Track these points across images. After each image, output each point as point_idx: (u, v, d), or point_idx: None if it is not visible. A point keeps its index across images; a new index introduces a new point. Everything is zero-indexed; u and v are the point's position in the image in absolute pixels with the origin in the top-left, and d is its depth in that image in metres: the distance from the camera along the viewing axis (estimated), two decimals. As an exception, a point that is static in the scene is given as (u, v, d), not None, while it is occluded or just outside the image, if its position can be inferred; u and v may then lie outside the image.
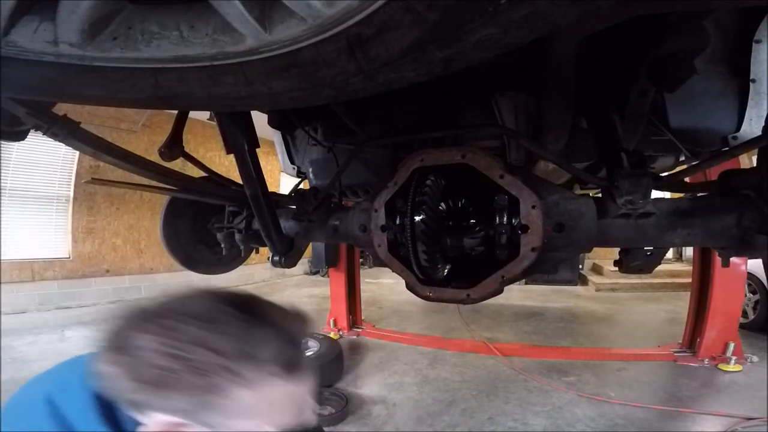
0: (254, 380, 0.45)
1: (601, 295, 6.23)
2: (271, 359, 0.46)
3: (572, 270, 3.84)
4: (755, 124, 1.00)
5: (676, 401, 2.58)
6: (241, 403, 0.44)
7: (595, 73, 0.98)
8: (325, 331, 3.96)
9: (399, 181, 0.95)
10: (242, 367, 0.44)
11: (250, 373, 0.44)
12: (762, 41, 0.95)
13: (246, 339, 0.45)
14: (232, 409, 0.44)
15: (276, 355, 0.46)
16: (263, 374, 0.45)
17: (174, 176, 1.18)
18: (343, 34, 0.40)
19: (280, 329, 0.49)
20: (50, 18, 0.44)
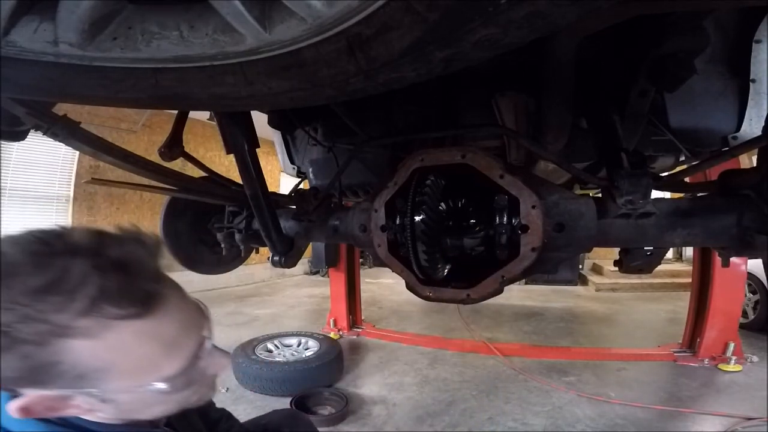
0: (87, 328, 0.39)
1: (601, 295, 6.23)
2: (96, 298, 0.39)
3: (572, 270, 3.83)
4: (755, 124, 1.00)
5: (676, 401, 2.58)
6: (86, 357, 0.40)
7: (595, 73, 0.98)
8: (325, 331, 3.96)
9: (399, 181, 0.95)
10: (63, 317, 0.38)
11: (78, 320, 0.39)
12: (762, 41, 0.95)
13: (59, 284, 0.38)
14: (82, 366, 0.40)
15: (101, 293, 0.39)
16: (96, 318, 0.40)
17: (174, 176, 1.18)
18: (343, 34, 0.40)
19: (102, 260, 0.41)
20: (50, 18, 0.44)
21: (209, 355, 0.52)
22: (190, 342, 0.48)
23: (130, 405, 0.46)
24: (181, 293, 0.50)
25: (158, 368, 0.44)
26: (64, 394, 0.42)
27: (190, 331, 0.49)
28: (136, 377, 0.44)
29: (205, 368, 0.51)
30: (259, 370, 2.63)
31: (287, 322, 4.61)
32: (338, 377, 2.91)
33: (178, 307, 0.48)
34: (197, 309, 0.53)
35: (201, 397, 0.55)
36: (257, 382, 2.62)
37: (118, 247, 0.43)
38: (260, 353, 2.92)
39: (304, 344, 3.19)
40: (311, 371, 2.65)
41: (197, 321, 0.51)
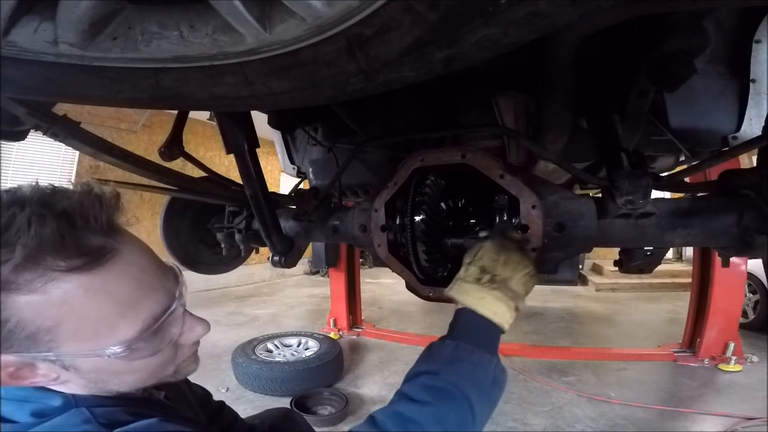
0: (29, 281, 0.38)
1: (601, 295, 6.23)
2: (36, 249, 0.38)
3: (572, 270, 3.81)
4: (755, 124, 0.99)
5: (676, 401, 2.58)
6: (31, 314, 0.38)
7: (595, 73, 0.98)
8: (325, 331, 3.96)
9: (399, 181, 0.95)
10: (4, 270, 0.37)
11: (19, 273, 0.38)
12: (762, 41, 0.95)
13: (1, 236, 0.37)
14: (29, 325, 0.39)
15: (40, 243, 0.38)
16: (37, 270, 0.38)
17: (174, 176, 1.18)
18: (344, 34, 0.40)
19: (46, 211, 0.39)
20: (50, 18, 0.44)
21: (180, 321, 0.50)
22: (150, 303, 0.45)
23: (95, 373, 0.44)
24: (143, 251, 0.48)
25: (113, 329, 0.43)
26: (23, 360, 0.41)
27: (151, 291, 0.46)
28: (89, 339, 0.42)
29: (176, 335, 0.49)
30: (259, 370, 2.63)
31: (287, 322, 4.61)
32: (338, 377, 2.91)
33: (136, 265, 0.45)
34: (166, 272, 0.50)
35: (181, 370, 0.53)
36: (257, 382, 2.62)
37: (66, 198, 0.42)
38: (260, 353, 2.92)
39: (304, 344, 3.19)
40: (311, 371, 2.65)
41: (163, 283, 0.48)
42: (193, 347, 0.54)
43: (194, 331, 0.52)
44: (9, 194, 0.41)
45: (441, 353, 0.60)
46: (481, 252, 0.65)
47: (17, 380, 0.42)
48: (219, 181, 1.47)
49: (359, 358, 3.39)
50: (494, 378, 0.58)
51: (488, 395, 0.57)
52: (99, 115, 5.03)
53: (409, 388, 0.57)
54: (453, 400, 0.54)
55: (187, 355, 0.53)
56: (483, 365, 0.58)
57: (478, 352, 0.58)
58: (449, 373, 0.56)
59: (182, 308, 0.51)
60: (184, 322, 0.51)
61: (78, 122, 0.91)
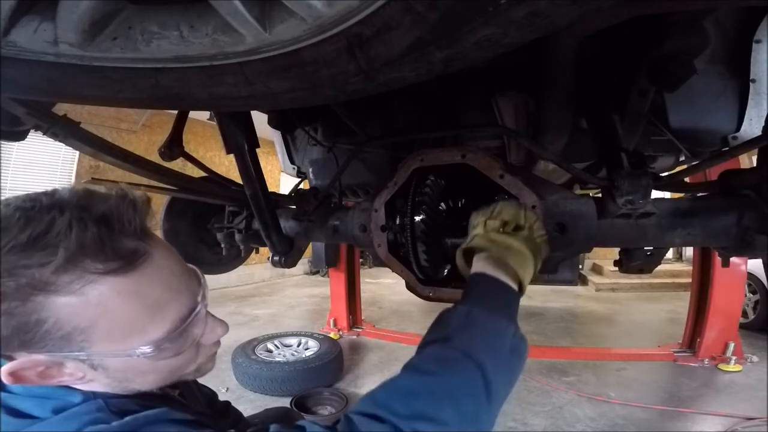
0: (68, 283, 0.39)
1: (601, 295, 6.23)
2: (76, 252, 0.39)
3: (572, 270, 3.81)
4: (755, 124, 0.99)
5: (676, 401, 2.58)
6: (68, 315, 0.40)
7: (595, 73, 0.98)
8: (325, 331, 3.96)
9: (399, 181, 0.95)
10: (44, 272, 0.38)
11: (59, 275, 0.39)
12: (762, 41, 0.95)
13: (42, 239, 0.38)
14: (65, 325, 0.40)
15: (80, 246, 0.39)
16: (76, 272, 0.39)
17: (174, 176, 1.18)
18: (344, 34, 0.40)
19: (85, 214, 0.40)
20: (50, 18, 0.44)
21: (203, 322, 0.51)
22: (177, 305, 0.47)
23: (121, 373, 0.45)
24: (171, 254, 0.49)
25: (143, 330, 0.44)
26: (54, 359, 0.42)
27: (178, 294, 0.47)
28: (121, 340, 0.43)
29: (198, 336, 0.50)
30: (259, 370, 2.63)
31: (287, 322, 4.61)
32: (338, 377, 2.91)
33: (166, 268, 0.47)
34: (190, 274, 0.52)
35: (200, 369, 0.54)
36: (257, 382, 2.62)
37: (103, 202, 0.43)
38: (260, 353, 2.92)
39: (304, 344, 3.19)
40: (311, 371, 2.65)
41: (188, 285, 0.50)
42: (213, 347, 0.55)
43: (215, 331, 0.53)
44: (48, 197, 0.42)
45: (452, 320, 0.55)
46: (500, 207, 0.65)
47: (45, 379, 0.43)
48: (219, 181, 1.47)
49: (359, 358, 3.39)
50: (513, 346, 0.53)
51: (506, 364, 0.52)
52: (99, 115, 5.03)
53: (417, 358, 0.53)
54: (464, 370, 0.48)
55: (208, 355, 0.54)
56: (498, 331, 0.53)
57: (493, 317, 0.54)
58: (460, 340, 0.51)
59: (205, 309, 0.52)
60: (207, 322, 0.52)
61: (78, 122, 0.91)
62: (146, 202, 0.48)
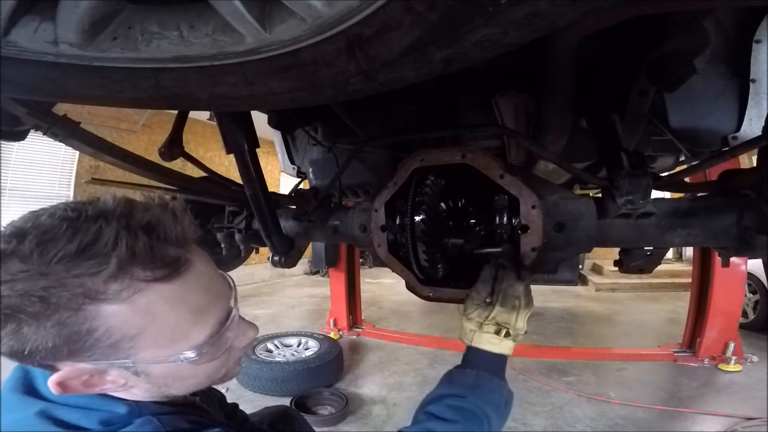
0: (118, 291, 0.40)
1: (601, 295, 6.23)
2: (126, 261, 0.40)
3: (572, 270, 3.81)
4: (755, 124, 0.99)
5: (676, 401, 2.58)
6: (118, 322, 0.40)
7: (595, 73, 0.98)
8: (325, 331, 3.96)
9: (399, 181, 0.95)
10: (96, 281, 0.39)
11: (109, 284, 0.39)
12: (762, 41, 0.95)
13: (91, 248, 0.39)
14: (114, 333, 0.40)
15: (131, 255, 0.40)
16: (126, 281, 0.40)
17: (174, 176, 1.18)
18: (343, 34, 0.40)
19: (130, 224, 0.41)
20: (50, 18, 0.44)
21: (236, 325, 0.52)
22: (217, 310, 0.48)
23: (163, 378, 0.46)
24: (207, 261, 0.50)
25: (187, 336, 0.45)
26: (99, 367, 0.42)
27: (217, 299, 0.49)
28: (166, 345, 0.44)
29: (232, 339, 0.51)
30: (259, 370, 2.63)
31: (287, 322, 4.61)
32: (338, 377, 2.91)
33: (205, 273, 0.48)
34: (223, 279, 0.53)
35: (229, 372, 0.55)
36: (257, 382, 2.62)
37: (146, 212, 0.44)
38: (260, 353, 2.92)
39: (304, 344, 3.19)
40: (311, 371, 2.65)
41: (224, 290, 0.51)
42: (242, 350, 0.56)
43: (246, 334, 0.54)
44: (92, 207, 0.43)
45: (464, 380, 0.69)
46: (494, 314, 0.74)
47: (88, 388, 0.44)
48: (219, 181, 1.47)
49: (359, 358, 3.39)
50: (506, 400, 0.69)
51: (502, 415, 0.67)
52: (99, 115, 5.03)
53: (437, 408, 0.64)
54: (477, 420, 0.62)
55: (237, 358, 0.55)
56: (499, 390, 0.68)
57: (495, 380, 0.69)
58: (473, 396, 0.65)
59: (238, 313, 0.53)
60: (239, 326, 0.53)
61: (78, 122, 0.91)
62: (184, 211, 0.48)
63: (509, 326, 0.74)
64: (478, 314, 0.75)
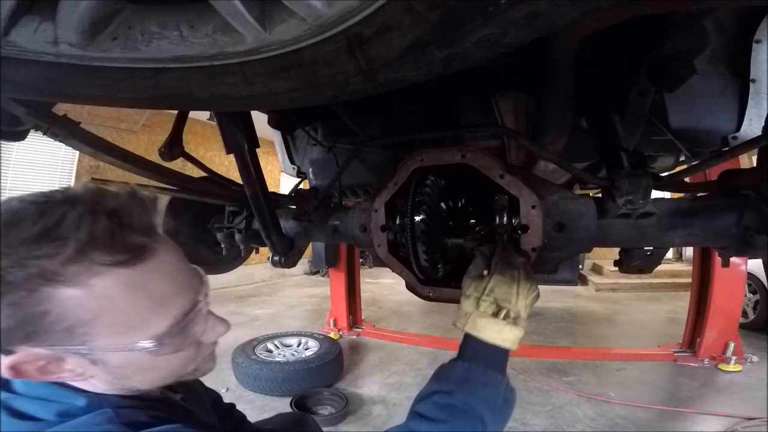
0: (75, 274, 0.40)
1: (601, 295, 6.23)
2: (86, 244, 0.40)
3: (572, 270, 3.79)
4: (755, 124, 0.99)
5: (676, 401, 2.58)
6: (73, 306, 0.40)
7: (595, 73, 0.98)
8: (325, 331, 3.96)
9: (399, 181, 0.95)
10: (53, 263, 0.39)
11: (67, 266, 0.39)
12: (762, 41, 0.95)
13: (54, 231, 0.39)
14: (69, 317, 0.40)
15: (90, 239, 0.40)
16: (84, 264, 0.40)
17: (174, 176, 1.18)
18: (343, 34, 0.40)
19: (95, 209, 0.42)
20: (50, 18, 0.44)
21: (204, 320, 0.52)
22: (181, 301, 0.48)
23: (121, 369, 0.45)
24: (176, 252, 0.50)
25: (145, 324, 0.44)
26: (55, 354, 0.42)
27: (182, 290, 0.48)
28: (123, 333, 0.43)
29: (200, 333, 0.51)
30: (259, 370, 2.63)
31: (287, 322, 4.61)
32: (338, 377, 2.91)
33: (170, 264, 0.48)
34: (193, 272, 0.53)
35: (199, 368, 0.55)
36: (257, 382, 2.62)
37: (114, 199, 0.45)
38: (260, 353, 2.92)
39: (304, 344, 3.19)
40: (311, 371, 2.65)
41: (191, 282, 0.51)
42: (213, 346, 0.56)
43: (216, 330, 0.53)
44: (61, 193, 0.44)
45: (453, 374, 0.61)
46: (492, 285, 0.66)
47: (45, 375, 0.43)
48: (219, 181, 1.47)
49: (359, 358, 3.39)
50: (505, 397, 0.60)
51: (500, 414, 0.59)
52: (99, 115, 5.03)
53: (423, 407, 0.59)
54: (467, 419, 0.55)
55: (207, 353, 0.55)
56: (494, 385, 0.60)
57: (489, 373, 0.60)
58: (462, 392, 0.58)
59: (206, 307, 0.53)
60: (208, 320, 0.53)
61: (78, 122, 0.91)
62: (153, 201, 0.49)
63: (509, 305, 0.64)
64: (474, 288, 0.67)
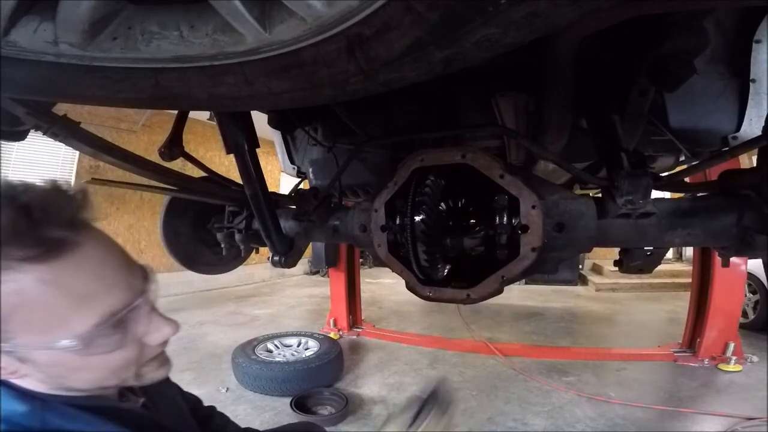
0: None
1: (601, 295, 6.23)
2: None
3: (572, 270, 3.82)
4: (755, 124, 0.99)
5: (676, 401, 2.58)
6: None
7: (595, 72, 0.98)
8: (325, 331, 3.96)
9: (399, 181, 0.95)
10: None
11: None
12: (762, 41, 0.95)
13: None
14: None
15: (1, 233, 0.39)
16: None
17: (174, 176, 1.18)
18: (344, 34, 0.40)
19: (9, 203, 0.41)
20: (50, 18, 0.44)
21: (146, 319, 0.49)
22: (108, 299, 0.45)
23: (51, 368, 0.44)
24: (107, 248, 0.48)
25: (65, 322, 0.42)
26: None
27: (112, 287, 0.46)
28: (42, 331, 0.42)
29: (141, 334, 0.49)
30: (259, 370, 2.63)
31: (287, 322, 4.61)
32: (338, 377, 2.91)
33: (97, 259, 0.46)
34: (133, 269, 0.50)
35: (145, 373, 0.52)
36: (257, 382, 2.62)
37: (31, 193, 0.43)
38: (260, 353, 2.92)
39: (304, 344, 3.20)
40: (311, 371, 2.65)
41: (127, 279, 0.48)
42: (159, 348, 0.52)
43: (161, 331, 0.51)
44: None
45: None
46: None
47: None
48: (219, 181, 1.47)
49: (359, 358, 3.39)
50: None
51: None
52: (99, 115, 5.03)
53: None
54: None
55: (151, 356, 0.52)
56: None
57: None
58: None
59: (148, 306, 0.50)
60: (151, 320, 0.50)
61: (78, 122, 0.91)
62: (81, 194, 0.48)
63: None
64: None
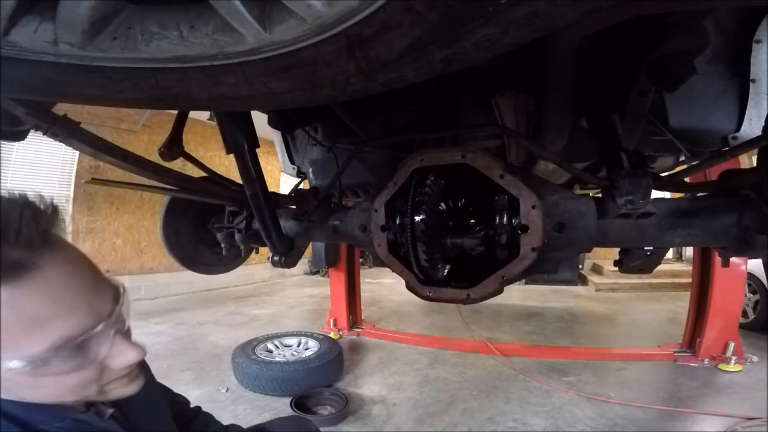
0: None
1: (601, 295, 6.23)
2: None
3: (572, 270, 3.81)
4: (755, 124, 0.99)
5: (676, 401, 2.58)
6: None
7: (595, 72, 0.98)
8: (325, 331, 3.96)
9: (399, 181, 0.95)
10: None
11: None
12: (762, 41, 0.95)
13: None
14: None
15: None
16: None
17: (174, 176, 1.18)
18: (343, 34, 0.40)
19: None
20: (50, 18, 0.44)
21: (109, 343, 0.48)
22: (65, 323, 0.44)
23: (7, 382, 0.44)
24: (71, 270, 0.46)
25: (17, 344, 0.42)
26: None
27: (70, 311, 0.44)
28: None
29: (102, 357, 0.48)
30: (259, 370, 2.63)
31: (287, 322, 4.61)
32: (338, 377, 2.91)
33: (57, 283, 0.44)
34: (99, 290, 0.49)
35: (108, 391, 0.51)
36: (257, 382, 2.62)
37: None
38: (260, 353, 2.92)
39: (304, 344, 3.19)
40: (311, 371, 2.65)
41: (89, 303, 0.47)
42: (126, 370, 0.52)
43: (124, 355, 0.50)
44: None
45: None
46: None
47: None
48: (219, 181, 1.47)
49: (359, 358, 3.39)
50: None
51: None
52: (99, 115, 5.03)
53: None
54: None
55: (113, 378, 0.51)
56: None
57: None
58: None
59: (112, 330, 0.49)
60: (114, 344, 0.49)
61: (78, 122, 0.91)
62: (51, 210, 0.46)
63: None
64: None
